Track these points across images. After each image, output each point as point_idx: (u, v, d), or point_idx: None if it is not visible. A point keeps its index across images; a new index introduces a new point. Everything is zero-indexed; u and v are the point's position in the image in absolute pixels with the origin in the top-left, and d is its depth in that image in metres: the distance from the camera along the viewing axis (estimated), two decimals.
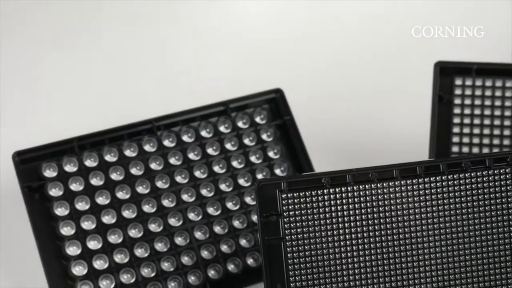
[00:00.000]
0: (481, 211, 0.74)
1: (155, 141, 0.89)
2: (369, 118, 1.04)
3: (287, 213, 0.73)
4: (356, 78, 1.07)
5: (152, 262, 0.86)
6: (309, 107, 1.03)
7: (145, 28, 1.12)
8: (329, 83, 1.07)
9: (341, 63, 1.09)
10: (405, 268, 0.74)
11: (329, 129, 1.03)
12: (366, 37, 1.12)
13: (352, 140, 1.02)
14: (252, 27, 1.13)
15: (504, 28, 1.04)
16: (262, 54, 1.10)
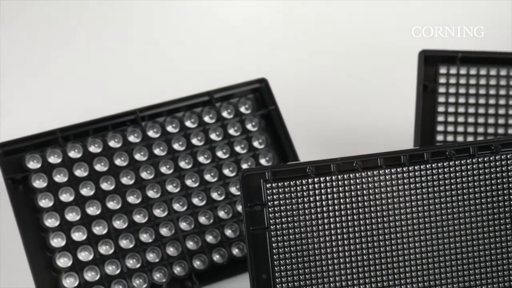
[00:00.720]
0: (465, 199, 0.74)
1: (139, 132, 0.89)
2: (354, 107, 1.04)
3: (271, 202, 0.73)
4: (341, 68, 1.07)
5: (137, 253, 0.85)
6: (294, 96, 1.03)
7: (130, 20, 1.11)
8: (314, 73, 1.07)
9: (326, 53, 1.09)
10: (390, 256, 0.74)
11: (314, 118, 1.03)
12: (352, 28, 1.11)
13: (337, 129, 1.02)
14: (237, 18, 1.13)
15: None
16: (247, 44, 1.10)
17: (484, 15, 1.07)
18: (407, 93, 0.96)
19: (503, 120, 0.91)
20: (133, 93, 1.03)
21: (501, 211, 0.74)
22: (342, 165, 0.74)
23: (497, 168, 0.74)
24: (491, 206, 0.74)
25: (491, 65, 0.91)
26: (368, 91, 1.05)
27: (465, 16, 1.06)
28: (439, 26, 0.89)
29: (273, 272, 0.73)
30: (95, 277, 0.84)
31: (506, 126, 0.91)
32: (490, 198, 0.74)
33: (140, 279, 0.85)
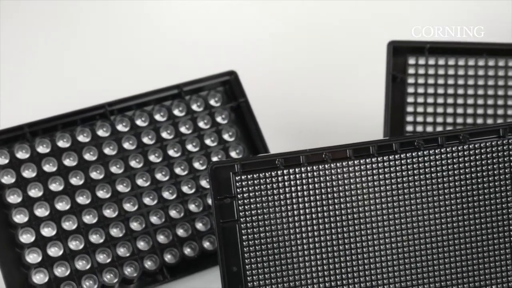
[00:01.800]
0: (434, 189, 0.74)
1: (108, 126, 0.88)
2: (323, 99, 1.04)
3: (241, 195, 0.73)
4: (310, 60, 1.07)
5: (107, 248, 0.85)
6: (264, 89, 1.03)
7: (100, 15, 1.10)
8: (284, 65, 1.07)
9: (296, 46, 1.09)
10: (360, 247, 0.74)
11: (284, 110, 1.03)
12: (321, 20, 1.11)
13: (307, 121, 1.02)
14: (206, 12, 1.12)
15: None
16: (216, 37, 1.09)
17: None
18: (376, 84, 0.97)
19: (471, 110, 0.91)
20: (102, 87, 1.02)
21: (469, 200, 0.74)
22: (311, 157, 0.74)
23: (465, 157, 0.74)
24: (460, 195, 0.74)
25: (459, 55, 0.91)
26: (337, 83, 1.05)
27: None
28: (439, 26, 0.90)
29: (244, 265, 0.73)
30: (65, 273, 0.83)
31: (474, 116, 0.91)
32: (458, 187, 0.74)
33: (110, 274, 0.84)
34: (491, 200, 0.74)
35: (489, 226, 0.75)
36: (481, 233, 0.75)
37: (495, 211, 0.75)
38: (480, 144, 0.74)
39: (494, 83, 0.91)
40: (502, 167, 0.74)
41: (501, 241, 0.75)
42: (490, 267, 0.75)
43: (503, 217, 0.75)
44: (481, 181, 0.74)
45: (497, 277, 0.75)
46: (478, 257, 0.75)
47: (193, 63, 1.05)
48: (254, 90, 0.95)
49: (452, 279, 0.74)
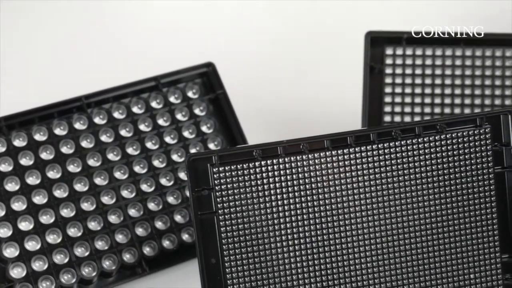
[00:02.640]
0: (412, 179, 0.74)
1: (85, 119, 0.88)
2: (301, 90, 1.04)
3: (219, 187, 0.73)
4: (288, 52, 1.07)
5: (85, 242, 0.84)
6: (242, 80, 1.03)
7: (77, 6, 1.10)
8: (262, 56, 1.07)
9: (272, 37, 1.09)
10: (339, 238, 0.74)
11: (262, 102, 1.03)
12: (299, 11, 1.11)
13: (286, 112, 1.02)
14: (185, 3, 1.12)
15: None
16: (194, 29, 1.09)
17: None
18: (354, 75, 0.97)
19: (449, 100, 0.91)
20: (79, 80, 1.01)
21: (447, 190, 0.75)
22: (288, 148, 0.74)
23: (442, 147, 0.74)
24: (437, 185, 0.74)
25: (437, 45, 0.92)
26: (315, 74, 1.05)
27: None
28: (439, 26, 0.90)
29: (222, 256, 0.73)
30: (43, 267, 0.83)
31: (452, 105, 0.91)
32: (436, 177, 0.74)
33: (89, 267, 0.84)
34: (469, 190, 0.75)
35: (467, 215, 0.75)
36: (459, 222, 0.75)
37: (473, 200, 0.75)
38: (457, 133, 0.75)
39: (471, 73, 0.91)
40: (479, 156, 0.75)
41: (478, 230, 0.75)
42: (468, 256, 0.75)
43: (480, 206, 0.75)
44: (458, 170, 0.74)
45: (475, 266, 0.75)
46: (456, 246, 0.75)
47: (171, 55, 1.04)
48: (232, 81, 0.95)
49: (430, 268, 0.75)
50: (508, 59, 0.91)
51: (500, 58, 0.91)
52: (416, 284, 0.75)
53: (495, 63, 0.91)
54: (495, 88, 0.91)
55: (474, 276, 0.75)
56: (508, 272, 0.76)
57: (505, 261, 0.76)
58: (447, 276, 0.75)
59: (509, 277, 0.76)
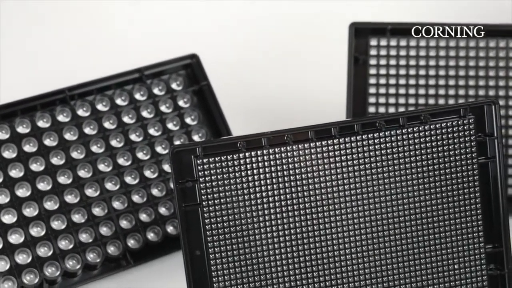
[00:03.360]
0: (396, 169, 0.74)
1: (68, 111, 0.87)
2: (286, 82, 1.04)
3: (203, 178, 0.73)
4: (272, 43, 1.07)
5: (69, 234, 0.84)
6: (226, 72, 1.02)
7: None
8: (246, 47, 1.07)
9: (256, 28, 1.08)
10: (323, 228, 0.74)
11: (247, 93, 1.03)
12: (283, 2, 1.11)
13: (270, 103, 1.01)
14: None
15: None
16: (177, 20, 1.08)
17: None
18: (339, 66, 0.96)
19: (433, 90, 0.92)
20: (62, 72, 1.01)
21: (431, 180, 0.75)
22: (273, 139, 0.73)
23: (426, 138, 0.74)
24: (421, 175, 0.74)
25: (421, 36, 0.92)
26: (299, 65, 1.05)
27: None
28: (439, 26, 0.90)
29: (207, 248, 0.73)
30: (26, 260, 0.82)
31: (436, 96, 0.91)
32: (420, 168, 0.74)
33: (73, 260, 0.84)
34: (452, 180, 0.75)
35: (451, 206, 0.75)
36: (443, 212, 0.75)
37: (457, 190, 0.75)
38: (441, 124, 0.75)
39: (455, 64, 0.91)
40: (463, 147, 0.75)
41: (462, 220, 0.75)
42: (453, 246, 0.75)
43: (464, 196, 0.75)
44: (442, 161, 0.75)
45: (459, 256, 0.75)
46: (441, 236, 0.75)
47: (154, 46, 1.04)
48: (216, 73, 0.95)
49: (415, 259, 0.75)
50: (491, 49, 0.91)
51: (484, 49, 0.91)
52: (401, 275, 0.75)
53: (479, 53, 0.91)
54: (479, 78, 0.91)
55: (459, 267, 0.76)
56: (492, 263, 0.77)
57: (489, 251, 0.76)
58: (431, 267, 0.75)
59: (493, 268, 0.77)
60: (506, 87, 0.91)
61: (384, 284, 0.75)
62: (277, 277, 0.73)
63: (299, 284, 0.74)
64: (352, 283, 0.74)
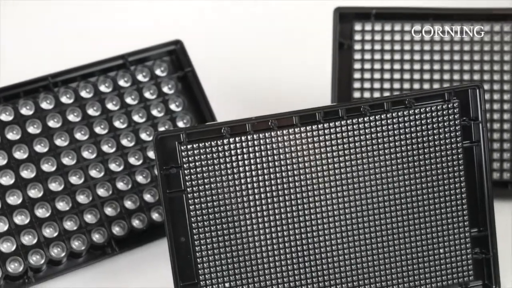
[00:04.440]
0: (381, 154, 0.74)
1: (52, 98, 0.87)
2: (271, 67, 1.03)
3: (187, 165, 0.72)
4: (256, 28, 1.07)
5: (54, 222, 0.84)
6: (211, 58, 1.02)
7: None
8: (230, 33, 1.06)
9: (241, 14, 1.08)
10: (308, 214, 0.74)
11: (232, 79, 1.02)
12: None
13: (255, 89, 1.01)
14: None
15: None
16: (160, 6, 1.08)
17: None
18: (323, 51, 0.96)
19: (418, 75, 0.91)
20: (45, 58, 1.00)
21: (416, 164, 0.75)
22: (257, 125, 0.73)
23: (411, 122, 0.74)
24: (406, 160, 0.74)
25: (405, 20, 0.91)
26: (284, 51, 1.05)
27: None
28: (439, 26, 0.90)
29: (192, 235, 0.73)
30: (11, 248, 0.82)
31: (421, 81, 0.91)
32: (404, 152, 0.74)
33: (58, 248, 0.83)
34: (437, 164, 0.75)
35: (436, 190, 0.75)
36: (428, 196, 0.75)
37: (441, 174, 0.75)
38: (426, 108, 0.75)
39: (440, 48, 0.91)
40: (448, 131, 0.75)
41: (447, 205, 0.75)
42: (438, 231, 0.75)
43: (449, 180, 0.75)
44: (427, 145, 0.74)
45: (444, 241, 0.76)
46: (426, 221, 0.75)
47: (138, 33, 1.03)
48: (201, 59, 0.94)
49: (400, 243, 0.75)
50: (476, 33, 0.91)
51: (468, 33, 0.91)
52: (386, 260, 0.75)
53: (464, 37, 0.91)
54: (464, 63, 0.91)
55: (444, 251, 0.76)
56: (477, 246, 0.77)
57: (474, 235, 0.76)
58: (417, 251, 0.75)
59: (478, 251, 0.77)
60: (490, 71, 0.91)
61: (370, 268, 0.75)
62: (262, 263, 0.73)
63: (285, 270, 0.74)
64: (338, 268, 0.74)
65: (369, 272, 0.75)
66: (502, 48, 0.91)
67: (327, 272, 0.74)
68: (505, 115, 0.91)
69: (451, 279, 0.76)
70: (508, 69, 0.91)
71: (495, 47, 0.91)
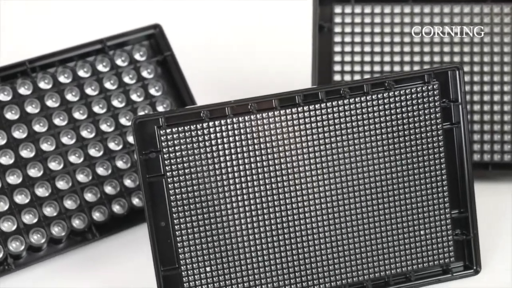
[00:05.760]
0: (361, 137, 0.74)
1: (30, 84, 0.86)
2: (251, 51, 1.03)
3: (166, 149, 0.72)
4: (236, 12, 1.06)
5: (33, 208, 0.83)
6: (190, 42, 1.01)
7: None
8: (210, 17, 1.06)
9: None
10: (289, 197, 0.73)
11: (212, 63, 1.02)
12: None
13: (236, 73, 1.01)
14: None
15: None
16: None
17: None
18: (304, 34, 0.96)
19: (398, 57, 0.91)
20: (23, 43, 0.99)
21: (396, 147, 0.74)
22: (236, 108, 0.73)
23: (390, 104, 0.74)
24: (386, 142, 0.74)
25: (385, 3, 0.91)
26: (264, 34, 1.04)
27: None
28: (439, 26, 0.90)
29: (172, 219, 0.72)
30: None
31: (401, 63, 0.91)
32: (385, 134, 0.74)
33: (37, 234, 0.83)
34: (418, 146, 0.75)
35: (416, 172, 0.75)
36: (409, 178, 0.75)
37: (422, 156, 0.75)
38: (406, 90, 0.74)
39: (420, 30, 0.91)
40: (428, 113, 0.75)
41: (428, 186, 0.75)
42: (418, 212, 0.75)
43: (429, 162, 0.75)
44: (407, 127, 0.74)
45: (425, 222, 0.76)
46: (406, 203, 0.75)
47: (117, 17, 1.03)
48: (180, 43, 0.94)
49: (381, 225, 0.75)
50: (456, 15, 0.91)
51: (448, 15, 0.91)
52: (367, 242, 0.75)
53: (444, 20, 0.91)
54: (443, 45, 0.91)
55: (425, 233, 0.76)
56: (458, 228, 0.77)
57: (455, 217, 0.77)
58: (397, 233, 0.75)
59: (458, 233, 0.77)
60: (471, 53, 0.91)
61: (351, 251, 0.75)
62: (243, 247, 0.73)
63: (266, 254, 0.73)
64: (319, 250, 0.74)
65: (350, 254, 0.75)
66: (482, 30, 0.91)
67: (308, 255, 0.74)
68: (485, 97, 0.91)
69: (432, 261, 0.76)
70: (488, 50, 0.91)
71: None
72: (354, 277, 0.75)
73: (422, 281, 0.76)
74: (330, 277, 0.75)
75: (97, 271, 0.82)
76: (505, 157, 0.91)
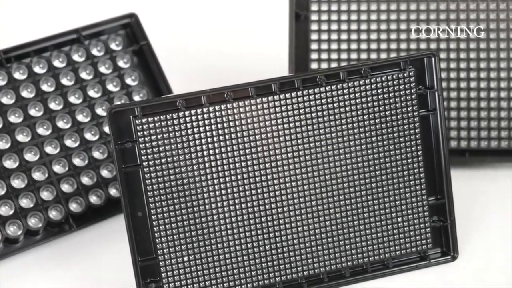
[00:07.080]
0: (338, 124, 0.74)
1: (4, 74, 0.85)
2: (227, 39, 1.03)
3: (142, 139, 0.71)
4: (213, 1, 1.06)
5: (9, 200, 0.82)
6: (167, 31, 1.01)
7: None
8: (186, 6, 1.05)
9: None
10: (266, 186, 0.73)
11: (188, 52, 1.02)
12: None
13: (212, 62, 1.01)
14: None
15: None
16: None
17: None
18: (280, 22, 0.96)
19: (375, 45, 0.91)
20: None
21: (373, 134, 0.74)
22: (212, 97, 0.72)
23: (367, 92, 0.74)
24: (363, 129, 0.74)
25: None
26: (240, 23, 1.04)
27: None
28: (439, 26, 0.90)
29: (149, 209, 0.72)
30: None
31: (378, 51, 0.91)
32: (361, 122, 0.74)
33: (14, 226, 0.82)
34: (394, 133, 0.75)
35: (393, 159, 0.75)
36: (385, 166, 0.75)
37: (398, 144, 0.75)
38: (382, 77, 0.74)
39: (396, 18, 0.91)
40: (404, 100, 0.75)
41: (405, 173, 0.75)
42: (396, 200, 0.76)
43: (406, 149, 0.75)
44: (384, 115, 0.74)
45: (402, 209, 0.76)
46: (384, 190, 0.75)
47: (92, 6, 1.02)
48: (157, 32, 0.93)
49: (358, 213, 0.75)
50: (432, 2, 0.91)
51: (424, 2, 0.91)
52: (345, 229, 0.75)
53: (420, 6, 0.91)
54: (420, 32, 0.91)
55: (402, 220, 0.76)
56: (435, 214, 0.77)
57: (432, 203, 0.77)
58: (375, 220, 0.75)
59: (436, 219, 0.77)
60: (447, 40, 0.91)
61: (329, 239, 0.75)
62: (221, 236, 0.73)
63: (243, 242, 0.73)
64: (297, 238, 0.74)
65: (328, 242, 0.75)
66: (458, 17, 0.91)
67: (286, 243, 0.74)
68: (462, 84, 0.91)
69: (409, 248, 0.76)
70: (464, 37, 0.91)
71: (451, 15, 0.91)
72: (332, 265, 0.75)
73: (400, 268, 0.77)
74: (308, 265, 0.75)
75: (74, 263, 0.81)
76: (482, 144, 0.91)
